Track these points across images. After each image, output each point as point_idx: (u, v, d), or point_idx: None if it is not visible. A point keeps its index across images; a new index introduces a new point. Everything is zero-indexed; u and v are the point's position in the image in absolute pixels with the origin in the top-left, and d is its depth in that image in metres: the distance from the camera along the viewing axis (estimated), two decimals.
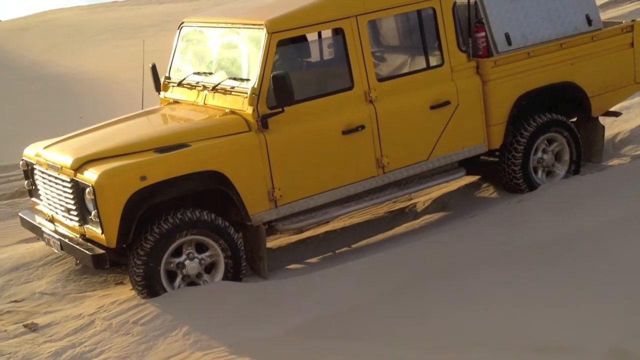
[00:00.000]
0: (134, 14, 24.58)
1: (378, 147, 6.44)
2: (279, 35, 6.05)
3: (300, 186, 6.17)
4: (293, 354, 5.02)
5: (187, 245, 5.81)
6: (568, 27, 7.27)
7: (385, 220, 7.32)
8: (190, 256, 5.82)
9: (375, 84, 6.40)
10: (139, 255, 5.67)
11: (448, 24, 6.70)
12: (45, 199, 6.31)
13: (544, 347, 4.76)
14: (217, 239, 5.84)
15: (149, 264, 5.67)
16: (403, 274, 5.93)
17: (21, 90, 15.74)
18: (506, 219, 6.72)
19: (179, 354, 5.10)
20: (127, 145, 5.89)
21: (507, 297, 5.42)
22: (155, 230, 5.66)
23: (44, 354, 5.34)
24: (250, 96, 5.96)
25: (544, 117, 7.18)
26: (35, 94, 15.34)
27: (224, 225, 5.86)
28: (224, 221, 5.87)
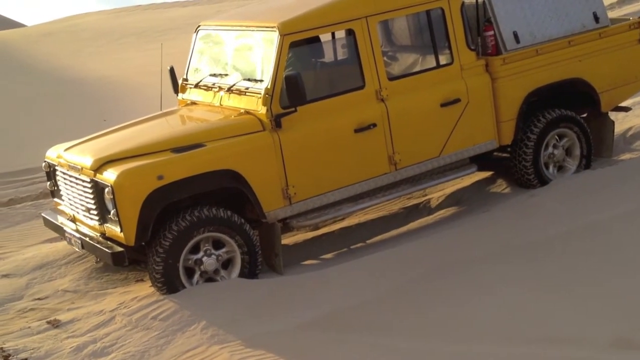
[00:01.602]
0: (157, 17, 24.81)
1: (390, 144, 6.58)
2: (291, 37, 6.21)
3: (314, 184, 6.32)
4: (308, 347, 5.12)
5: (205, 242, 5.97)
6: (576, 25, 7.37)
7: (399, 216, 7.43)
8: (207, 253, 5.98)
9: (386, 83, 6.55)
10: (158, 252, 5.84)
11: (457, 23, 6.82)
12: (66, 199, 6.50)
13: (553, 338, 4.84)
14: (234, 236, 6.00)
15: (167, 261, 5.84)
16: (416, 269, 6.03)
17: (46, 93, 15.96)
18: (518, 213, 6.81)
19: (197, 348, 5.21)
20: (145, 146, 6.06)
21: (518, 290, 5.50)
22: (174, 228, 5.83)
23: (66, 349, 5.49)
24: (263, 96, 6.12)
25: (553, 113, 7.28)
26: (60, 97, 15.55)
27: (240, 222, 6.02)
28: (239, 218, 6.03)
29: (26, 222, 8.42)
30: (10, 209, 8.83)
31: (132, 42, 21.69)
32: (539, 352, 4.71)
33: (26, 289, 6.62)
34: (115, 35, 22.74)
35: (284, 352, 5.04)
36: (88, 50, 21.27)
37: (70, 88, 16.39)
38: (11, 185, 9.83)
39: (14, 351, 5.58)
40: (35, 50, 21.82)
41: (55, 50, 21.61)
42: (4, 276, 6.86)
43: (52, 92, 16.05)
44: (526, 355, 4.71)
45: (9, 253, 7.46)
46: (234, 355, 5.03)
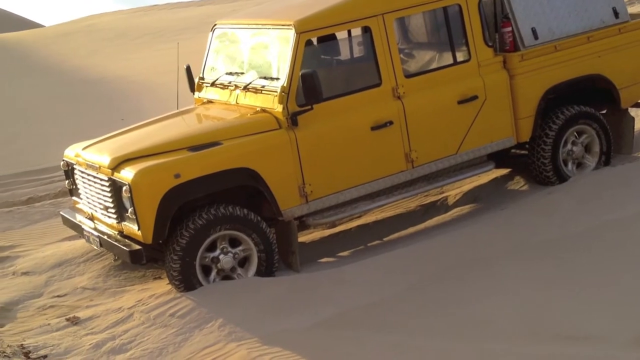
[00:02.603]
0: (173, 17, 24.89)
1: (407, 142, 6.56)
2: (307, 35, 6.20)
3: (330, 181, 6.30)
4: (324, 345, 5.13)
5: (221, 240, 5.97)
6: (595, 20, 7.31)
7: (416, 214, 7.42)
8: (224, 251, 5.98)
9: (403, 80, 6.52)
10: (175, 250, 5.85)
11: (474, 20, 6.79)
12: (85, 197, 6.53)
13: (572, 336, 4.83)
14: (250, 234, 6.00)
15: (184, 259, 5.85)
16: (433, 267, 6.03)
17: (64, 93, 16.06)
18: (536, 210, 6.78)
19: (214, 345, 5.23)
20: (162, 145, 6.07)
21: (536, 288, 5.48)
22: (190, 226, 5.84)
23: (86, 346, 5.53)
24: (280, 94, 6.11)
25: (572, 109, 7.23)
26: (78, 97, 15.64)
27: (256, 220, 6.03)
28: (256, 216, 6.03)
29: (45, 221, 8.47)
30: (30, 208, 8.89)
31: (149, 41, 21.78)
32: (558, 350, 4.69)
33: (45, 287, 6.66)
34: (132, 35, 22.83)
35: (301, 349, 5.04)
36: (105, 50, 21.37)
37: (88, 88, 16.49)
38: (30, 184, 9.90)
39: (33, 348, 5.62)
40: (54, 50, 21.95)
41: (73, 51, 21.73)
42: (24, 274, 6.91)
43: (70, 92, 16.15)
44: (545, 353, 4.68)
45: (29, 251, 7.51)
46: (251, 352, 5.04)
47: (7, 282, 6.80)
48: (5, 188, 9.83)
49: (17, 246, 7.63)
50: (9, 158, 11.33)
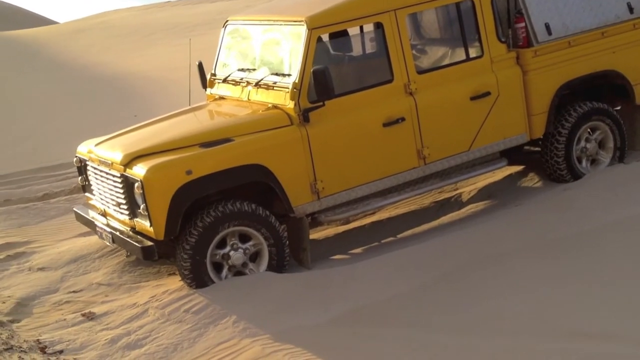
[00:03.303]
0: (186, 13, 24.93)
1: (419, 138, 6.53)
2: (319, 31, 6.18)
3: (342, 178, 6.29)
4: (338, 341, 5.12)
5: (231, 237, 5.97)
6: (609, 16, 7.26)
7: (430, 210, 7.40)
8: (234, 247, 5.98)
9: (415, 76, 6.49)
10: (185, 248, 5.86)
11: (487, 15, 6.75)
12: (97, 193, 6.55)
13: (588, 333, 4.81)
14: (259, 228, 5.99)
15: (195, 257, 5.85)
16: (447, 263, 6.01)
17: (78, 90, 16.11)
18: (551, 207, 6.75)
19: (229, 341, 5.24)
20: (174, 141, 6.08)
21: (551, 285, 5.46)
22: (199, 224, 5.84)
23: (101, 341, 5.55)
24: (291, 91, 6.10)
25: (585, 105, 7.18)
26: (92, 93, 15.69)
27: (265, 215, 6.01)
28: (264, 210, 6.02)
29: (60, 217, 8.49)
30: (45, 204, 8.92)
31: (162, 38, 21.82)
32: (573, 347, 4.68)
33: (61, 282, 6.69)
34: (146, 32, 22.88)
35: (315, 346, 5.05)
36: (119, 47, 21.42)
37: (102, 84, 16.54)
38: (45, 180, 9.93)
39: (49, 343, 5.65)
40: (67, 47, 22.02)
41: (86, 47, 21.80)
42: (40, 269, 6.94)
43: (83, 89, 16.20)
44: (559, 350, 4.67)
45: (44, 247, 7.54)
46: (265, 348, 5.06)
47: (23, 278, 6.83)
48: (21, 184, 9.87)
49: (32, 242, 7.66)
50: (24, 155, 11.38)
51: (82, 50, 21.47)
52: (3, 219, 8.44)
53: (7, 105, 14.97)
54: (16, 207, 8.93)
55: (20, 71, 18.94)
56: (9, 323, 6.03)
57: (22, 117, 13.89)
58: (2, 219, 8.45)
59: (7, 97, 15.72)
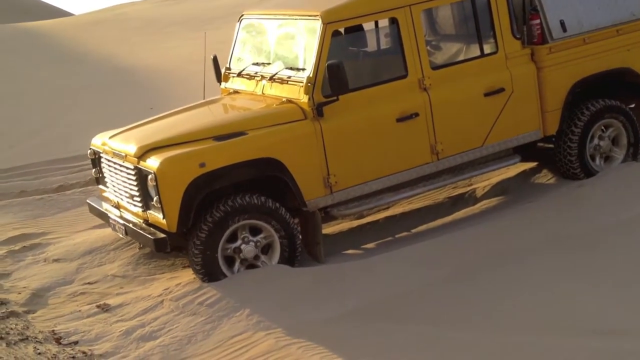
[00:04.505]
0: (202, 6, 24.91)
1: (432, 134, 6.54)
2: (334, 26, 6.20)
3: (355, 173, 6.30)
4: (351, 335, 5.14)
5: (242, 230, 5.99)
6: (624, 13, 7.23)
7: (444, 206, 7.41)
8: (245, 240, 6.00)
9: (429, 72, 6.50)
10: (196, 244, 5.89)
11: (502, 11, 6.74)
12: (111, 186, 6.59)
13: (601, 330, 4.83)
14: (269, 221, 6.00)
15: (206, 252, 5.87)
16: (461, 259, 6.03)
17: (94, 82, 16.12)
18: (565, 203, 6.76)
19: (243, 334, 5.27)
20: (188, 134, 6.11)
21: (566, 282, 5.47)
22: (209, 219, 5.86)
23: (116, 333, 5.59)
24: (306, 85, 6.11)
25: (599, 103, 7.16)
26: (107, 85, 15.71)
27: (275, 207, 6.02)
28: (274, 203, 6.02)
29: (75, 208, 8.53)
30: (60, 195, 8.97)
31: (178, 30, 21.82)
32: (588, 344, 4.69)
33: (76, 274, 6.73)
34: (162, 24, 22.89)
35: (328, 340, 5.07)
36: (135, 39, 21.43)
37: (118, 76, 16.56)
38: (60, 172, 9.98)
39: (65, 334, 5.69)
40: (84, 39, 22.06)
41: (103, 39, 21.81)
42: (55, 261, 6.99)
43: (100, 81, 16.22)
44: (572, 347, 4.68)
45: (59, 238, 7.59)
46: (279, 341, 5.08)
47: (39, 269, 6.88)
48: (37, 176, 9.92)
49: (48, 233, 7.71)
50: (40, 146, 11.42)
51: (98, 42, 21.48)
52: (19, 210, 8.52)
53: (23, 96, 15.03)
54: (32, 199, 8.99)
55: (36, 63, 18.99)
56: (25, 314, 6.08)
57: (38, 109, 13.95)
58: (17, 210, 8.52)
59: (23, 88, 15.78)
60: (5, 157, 10.87)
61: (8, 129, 12.48)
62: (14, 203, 8.78)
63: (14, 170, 10.17)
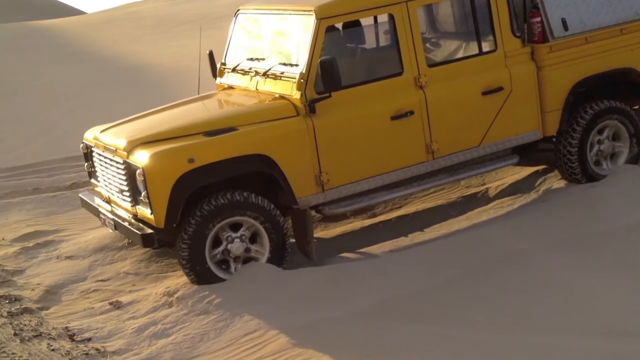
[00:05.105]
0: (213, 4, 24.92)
1: (428, 133, 6.43)
2: (328, 21, 6.10)
3: (347, 171, 6.21)
4: (362, 335, 5.11)
5: (222, 231, 5.88)
6: (629, 12, 7.09)
7: (457, 205, 7.34)
8: (229, 239, 5.91)
9: (426, 69, 6.39)
10: (184, 239, 5.82)
11: (502, 9, 6.63)
12: (102, 180, 6.53)
13: (617, 330, 4.79)
14: (244, 213, 5.85)
15: (193, 249, 5.79)
16: (475, 258, 6.00)
17: (106, 80, 16.16)
18: (579, 203, 6.69)
19: (255, 332, 5.25)
20: (178, 129, 6.04)
21: (579, 282, 5.43)
22: (192, 222, 5.78)
23: (128, 330, 5.57)
24: (298, 81, 6.03)
25: (601, 104, 7.02)
26: (120, 83, 15.74)
27: (242, 198, 5.86)
28: (240, 194, 5.86)
29: None
30: (74, 193, 8.92)
31: (190, 29, 21.83)
32: (602, 345, 4.66)
33: (89, 271, 6.71)
34: (174, 23, 22.92)
35: (340, 339, 5.06)
36: (147, 38, 21.48)
37: (130, 75, 16.59)
38: (73, 170, 9.96)
39: (78, 330, 5.67)
40: (95, 37, 22.14)
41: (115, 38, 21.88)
42: (68, 258, 6.96)
43: (112, 79, 16.26)
44: (591, 348, 4.65)
45: (72, 235, 7.56)
46: (290, 340, 5.08)
47: (52, 266, 6.86)
48: (50, 173, 9.93)
49: (61, 230, 7.68)
50: (53, 144, 11.43)
51: (110, 40, 21.55)
52: (32, 208, 8.51)
53: (37, 94, 15.10)
54: (45, 196, 9.00)
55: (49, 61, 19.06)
56: (38, 310, 6.07)
57: (51, 107, 13.98)
58: (31, 208, 8.51)
59: (36, 86, 15.85)
60: (19, 154, 10.88)
61: (20, 126, 12.49)
62: (28, 200, 8.78)
63: (27, 168, 10.17)
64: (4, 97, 14.89)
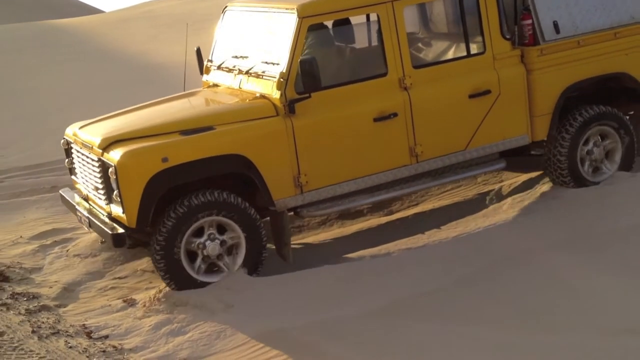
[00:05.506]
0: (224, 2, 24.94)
1: (412, 135, 6.30)
2: (310, 20, 5.99)
3: (327, 173, 6.09)
4: (377, 333, 5.10)
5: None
6: (624, 16, 6.92)
7: (474, 202, 7.28)
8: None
9: (411, 70, 6.26)
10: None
11: (491, 10, 6.49)
12: (81, 177, 6.47)
13: (630, 329, 4.76)
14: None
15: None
16: (489, 256, 5.94)
17: (122, 79, 16.20)
18: (592, 202, 6.62)
19: (270, 330, 5.22)
20: (154, 127, 5.96)
21: (593, 280, 5.39)
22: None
23: (145, 327, 5.53)
24: (278, 81, 5.92)
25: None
26: (136, 82, 15.76)
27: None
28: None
29: None
30: None
31: (206, 27, 21.80)
32: (617, 343, 4.65)
33: (106, 268, 6.69)
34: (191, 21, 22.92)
35: (356, 337, 5.06)
36: (164, 36, 21.51)
37: (147, 73, 16.62)
38: None
39: (95, 328, 5.66)
40: (113, 36, 22.21)
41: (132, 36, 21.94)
42: (85, 255, 6.94)
43: (128, 77, 16.30)
44: (610, 347, 4.63)
45: (90, 233, 7.50)
46: (306, 338, 5.08)
47: (69, 264, 6.84)
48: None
49: (78, 228, 7.63)
50: None
51: (127, 39, 21.61)
52: (50, 205, 8.49)
53: (54, 93, 15.18)
54: None
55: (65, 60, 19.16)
56: (56, 308, 6.07)
57: (69, 105, 14.03)
58: (49, 205, 8.50)
59: (53, 85, 15.93)
60: (37, 152, 10.88)
61: (39, 125, 12.50)
62: (46, 198, 8.77)
63: (45, 166, 10.17)
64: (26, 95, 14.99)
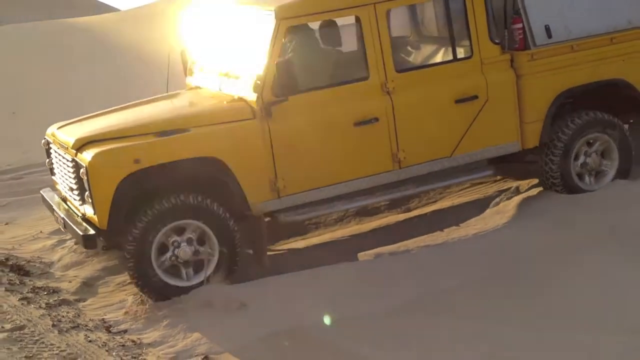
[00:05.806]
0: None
1: (394, 140, 6.14)
2: (289, 22, 5.86)
3: (306, 177, 5.96)
4: (398, 330, 5.08)
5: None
6: (620, 21, 6.70)
7: (493, 200, 7.11)
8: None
9: (394, 74, 6.10)
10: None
11: (479, 13, 6.31)
12: (59, 177, 6.41)
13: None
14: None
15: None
16: (510, 253, 5.87)
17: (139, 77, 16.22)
18: (612, 202, 6.50)
19: (287, 328, 5.18)
20: (129, 128, 5.87)
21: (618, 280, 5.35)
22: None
23: (163, 322, 5.51)
24: (255, 83, 5.80)
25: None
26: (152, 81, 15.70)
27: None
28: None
29: None
30: None
31: None
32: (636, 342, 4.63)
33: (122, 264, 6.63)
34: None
35: (375, 335, 5.04)
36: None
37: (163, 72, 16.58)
38: None
39: (114, 322, 5.66)
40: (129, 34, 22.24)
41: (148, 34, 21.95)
42: (104, 250, 6.85)
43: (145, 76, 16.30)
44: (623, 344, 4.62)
45: None
46: (328, 335, 5.08)
47: (88, 258, 6.83)
48: None
49: None
50: None
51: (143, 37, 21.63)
52: None
53: (70, 91, 15.23)
54: None
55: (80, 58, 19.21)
56: (75, 302, 6.08)
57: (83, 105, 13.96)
58: None
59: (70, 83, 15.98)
60: None
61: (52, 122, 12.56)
62: None
63: None
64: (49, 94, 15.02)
